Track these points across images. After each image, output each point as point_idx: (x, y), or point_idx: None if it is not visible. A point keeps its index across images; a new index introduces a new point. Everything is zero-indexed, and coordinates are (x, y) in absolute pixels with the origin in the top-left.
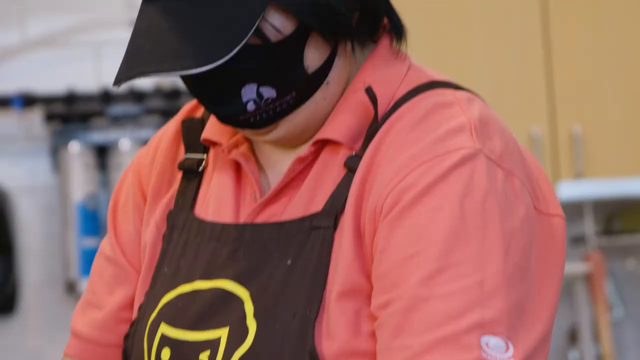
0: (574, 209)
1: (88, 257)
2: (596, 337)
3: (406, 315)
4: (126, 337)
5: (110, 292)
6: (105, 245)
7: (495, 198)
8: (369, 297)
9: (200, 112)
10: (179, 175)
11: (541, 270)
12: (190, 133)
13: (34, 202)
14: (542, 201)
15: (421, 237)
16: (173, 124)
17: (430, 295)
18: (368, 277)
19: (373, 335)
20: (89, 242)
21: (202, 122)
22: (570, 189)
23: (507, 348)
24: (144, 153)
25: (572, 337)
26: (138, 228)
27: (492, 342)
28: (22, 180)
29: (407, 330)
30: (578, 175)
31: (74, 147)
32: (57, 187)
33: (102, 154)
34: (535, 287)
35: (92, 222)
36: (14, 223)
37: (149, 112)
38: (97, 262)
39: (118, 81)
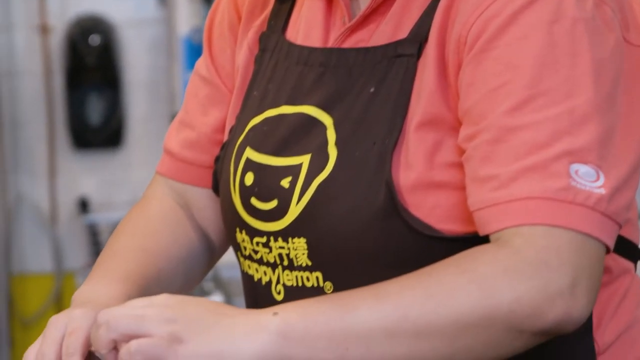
0: None
1: None
2: None
3: (493, 146)
4: (217, 159)
5: (204, 112)
6: (201, 65)
7: (585, 25)
8: (449, 129)
9: None
10: None
11: (628, 103)
12: None
13: (141, 36)
14: (632, 32)
15: (508, 67)
16: None
17: (518, 124)
18: (449, 107)
19: (451, 167)
20: None
21: None
22: None
23: (598, 177)
24: None
25: None
26: (232, 48)
27: (582, 171)
28: (129, 13)
29: (494, 160)
30: None
31: None
32: (163, 20)
33: None
34: (622, 120)
35: (197, 56)
36: (121, 57)
37: None
38: (192, 81)
39: None
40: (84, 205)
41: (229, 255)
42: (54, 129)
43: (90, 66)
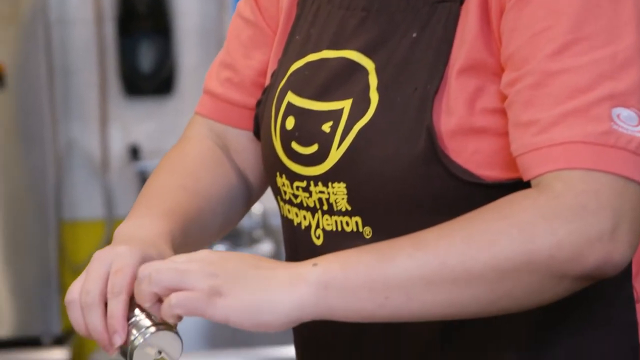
0: None
1: None
2: None
3: (535, 91)
4: (258, 103)
5: (246, 54)
6: (244, 7)
7: None
8: (490, 74)
9: None
10: None
11: None
12: None
13: None
14: None
15: (551, 11)
16: None
17: (559, 69)
18: (492, 53)
19: (492, 113)
20: None
21: None
22: None
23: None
24: None
25: None
26: None
27: (624, 115)
28: None
29: (536, 105)
30: None
31: None
32: None
33: None
34: None
35: None
36: (172, 4)
37: None
38: (235, 23)
39: None
40: (134, 153)
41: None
42: (105, 76)
43: (142, 14)
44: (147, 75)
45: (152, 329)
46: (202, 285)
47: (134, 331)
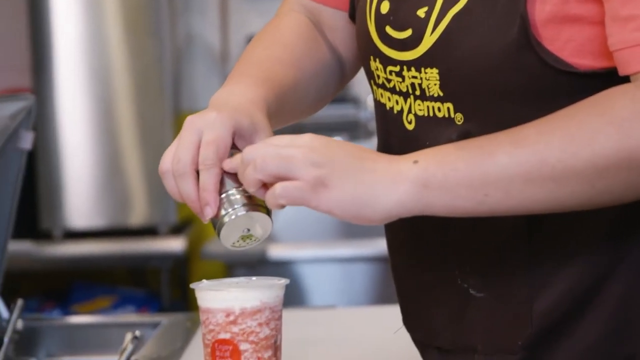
0: None
1: None
2: None
3: None
4: None
5: None
6: None
7: None
8: None
9: None
10: None
11: None
12: None
13: None
14: None
15: None
16: None
17: None
18: None
19: (586, 1)
20: None
21: None
22: None
23: None
24: None
25: None
26: None
27: None
28: None
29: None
30: None
31: None
32: None
33: None
34: None
35: None
36: None
37: None
38: None
39: None
40: None
41: None
42: None
43: None
44: None
45: (244, 208)
46: (307, 175)
47: (226, 206)
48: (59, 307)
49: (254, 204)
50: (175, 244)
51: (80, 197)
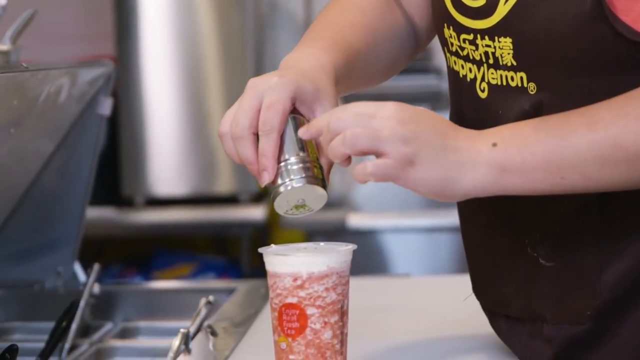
0: None
1: None
2: None
3: None
4: None
5: None
6: None
7: None
8: None
9: None
10: None
11: None
12: None
13: None
14: None
15: None
16: None
17: None
18: None
19: None
20: None
21: None
22: None
23: None
24: None
25: None
26: None
27: None
28: None
29: None
30: None
31: None
32: None
33: None
34: None
35: None
36: None
37: None
38: None
39: None
40: None
41: None
42: None
43: None
44: None
45: (302, 180)
46: (397, 152)
47: (284, 175)
48: (140, 274)
49: (311, 176)
50: (256, 212)
51: (163, 165)
